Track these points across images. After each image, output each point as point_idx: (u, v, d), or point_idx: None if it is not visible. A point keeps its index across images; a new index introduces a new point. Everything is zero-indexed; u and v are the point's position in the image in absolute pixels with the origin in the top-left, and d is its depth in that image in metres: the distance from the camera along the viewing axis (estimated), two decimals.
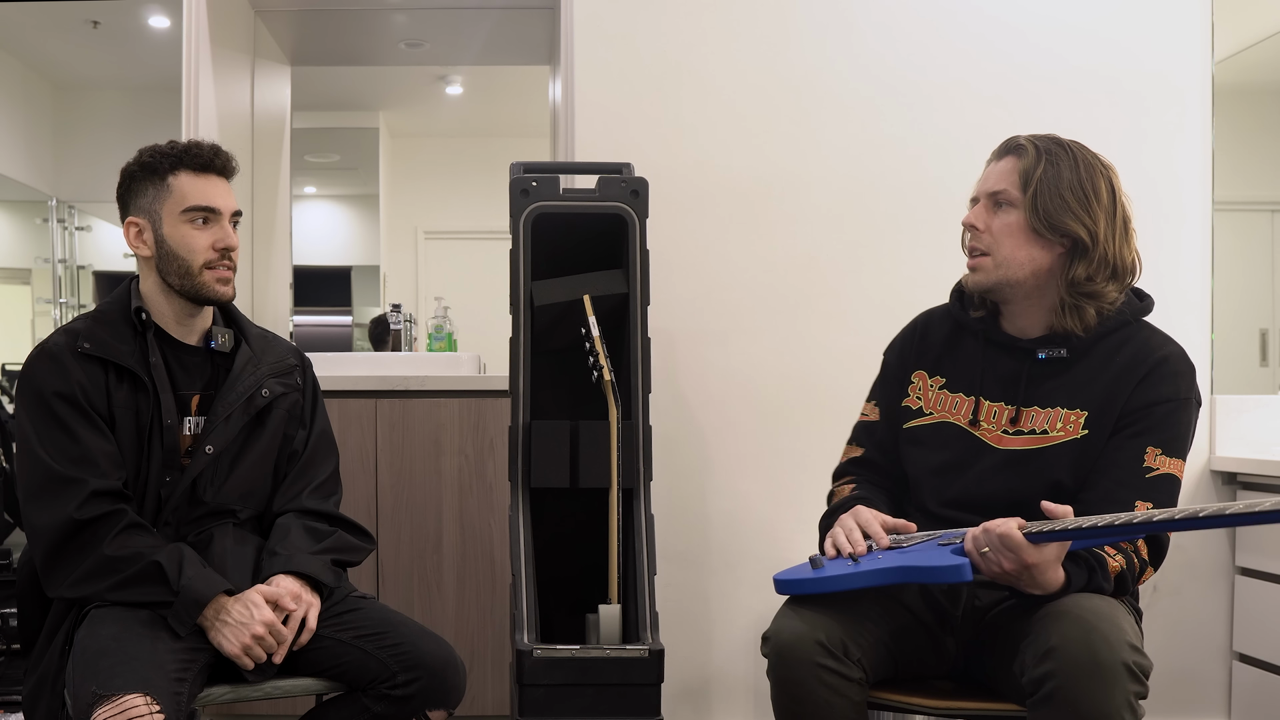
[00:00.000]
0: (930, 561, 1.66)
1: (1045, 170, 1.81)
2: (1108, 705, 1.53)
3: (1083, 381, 1.82)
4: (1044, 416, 1.83)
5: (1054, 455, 1.81)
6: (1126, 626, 1.59)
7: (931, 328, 2.01)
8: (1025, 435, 1.83)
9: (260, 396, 2.00)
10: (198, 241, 1.92)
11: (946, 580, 1.67)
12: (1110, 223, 1.82)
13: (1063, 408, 1.82)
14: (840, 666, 1.69)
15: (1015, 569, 1.63)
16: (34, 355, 1.91)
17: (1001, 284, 1.85)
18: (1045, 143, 1.85)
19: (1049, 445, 1.82)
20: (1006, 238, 1.84)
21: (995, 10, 2.88)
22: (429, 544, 2.84)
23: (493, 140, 4.79)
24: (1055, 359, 1.84)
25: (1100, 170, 1.84)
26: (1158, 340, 1.84)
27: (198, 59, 3.01)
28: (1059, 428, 1.82)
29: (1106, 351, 1.83)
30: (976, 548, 1.65)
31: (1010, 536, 1.61)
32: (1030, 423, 1.83)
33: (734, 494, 2.85)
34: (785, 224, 2.87)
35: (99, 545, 1.81)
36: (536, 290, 2.26)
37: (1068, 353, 1.84)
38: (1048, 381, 1.84)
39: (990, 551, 1.63)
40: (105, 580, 1.80)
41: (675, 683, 2.67)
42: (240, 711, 2.75)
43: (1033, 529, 1.61)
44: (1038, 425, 1.83)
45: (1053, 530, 1.60)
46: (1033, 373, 1.86)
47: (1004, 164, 1.87)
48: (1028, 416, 1.84)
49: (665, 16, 2.88)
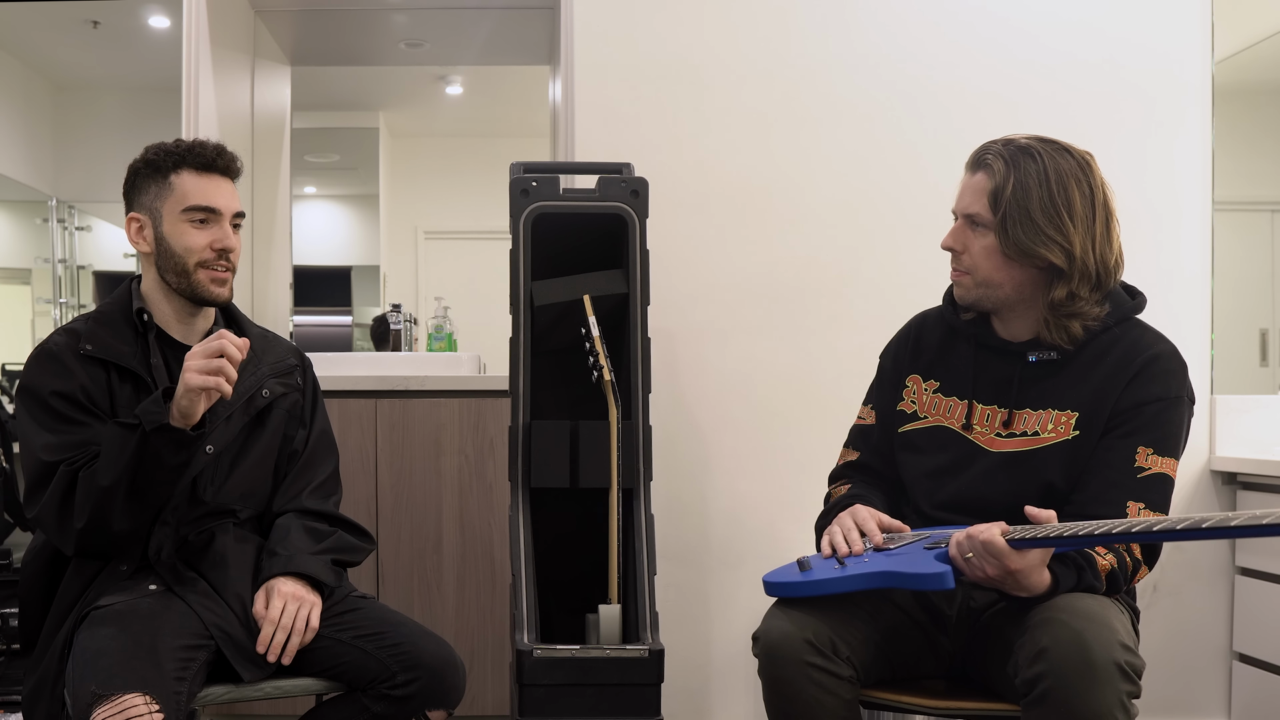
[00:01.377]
0: (914, 568, 1.66)
1: (1014, 190, 1.77)
2: (1100, 705, 1.53)
3: (1073, 383, 1.82)
4: (1035, 418, 1.83)
5: (1046, 456, 1.81)
6: (1118, 626, 1.59)
7: (925, 330, 2.00)
8: (1017, 438, 1.83)
9: (261, 397, 2.00)
10: (195, 241, 1.92)
11: (929, 588, 1.67)
12: (1088, 232, 1.78)
13: (1054, 409, 1.82)
14: (829, 664, 1.70)
15: (999, 574, 1.63)
16: (35, 356, 1.91)
17: (984, 299, 1.85)
18: (1013, 153, 1.79)
19: (1041, 447, 1.81)
20: (984, 260, 1.82)
21: (996, 9, 2.89)
22: (429, 544, 2.84)
23: (493, 140, 4.79)
24: (1046, 361, 1.84)
25: (1072, 175, 1.78)
26: (1148, 339, 1.83)
27: (198, 59, 3.01)
28: (1050, 429, 1.81)
29: (1097, 352, 1.82)
30: (960, 553, 1.65)
31: (993, 543, 1.61)
32: (1022, 425, 1.83)
33: (734, 494, 2.85)
34: (785, 224, 2.87)
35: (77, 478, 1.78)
36: (536, 290, 2.26)
37: (1058, 355, 1.84)
38: (1039, 384, 1.84)
39: (974, 557, 1.64)
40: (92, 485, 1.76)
41: (675, 683, 2.66)
42: (240, 711, 2.75)
43: (1015, 535, 1.61)
44: (1029, 427, 1.83)
45: (1035, 537, 1.60)
46: (1024, 375, 1.85)
47: (976, 181, 1.83)
48: (1020, 419, 1.84)
49: (665, 16, 2.88)
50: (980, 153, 1.85)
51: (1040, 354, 1.84)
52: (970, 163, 1.86)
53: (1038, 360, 1.84)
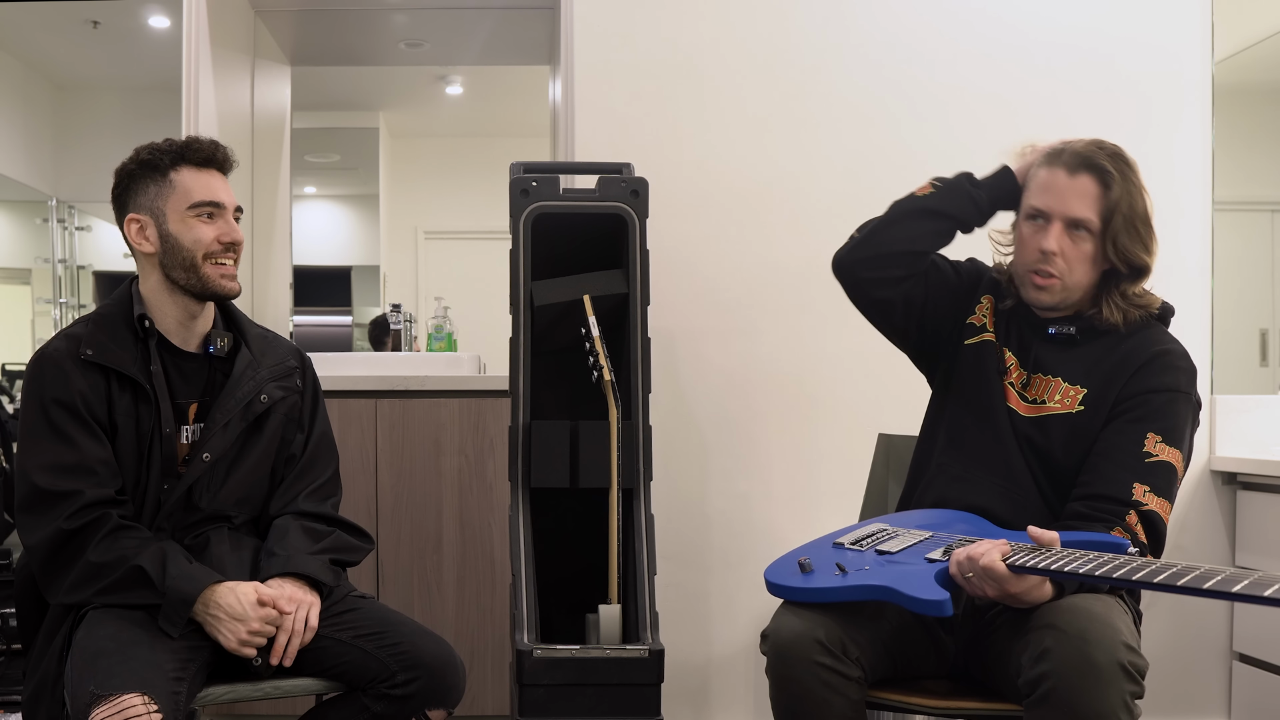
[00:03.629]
0: (914, 591, 1.66)
1: (1122, 201, 1.82)
2: (1104, 705, 1.53)
3: (1087, 363, 1.86)
4: (1044, 385, 1.87)
5: (1050, 426, 1.85)
6: (1121, 626, 1.59)
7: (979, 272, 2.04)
8: (1029, 404, 1.88)
9: (259, 402, 1.98)
10: (205, 235, 1.92)
11: (927, 613, 1.67)
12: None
13: (1064, 381, 1.86)
14: (839, 665, 1.70)
15: (999, 596, 1.64)
16: (35, 361, 1.90)
17: (1064, 303, 1.89)
18: (1117, 164, 1.85)
19: (1046, 415, 1.86)
20: (1079, 264, 1.86)
21: (996, 9, 2.89)
22: (429, 544, 2.84)
23: (493, 140, 4.79)
24: (1064, 336, 1.89)
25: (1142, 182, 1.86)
26: (1163, 336, 1.88)
27: (198, 59, 3.01)
28: (1057, 399, 1.86)
29: (1113, 340, 1.87)
30: (960, 573, 1.66)
31: (993, 569, 1.61)
32: (1034, 390, 1.88)
33: (734, 494, 2.85)
34: (785, 224, 2.87)
35: (85, 552, 1.80)
36: (536, 290, 2.26)
37: (1076, 331, 1.89)
38: (1053, 354, 1.89)
39: (974, 578, 1.64)
40: (93, 586, 1.80)
41: (675, 683, 2.66)
42: (240, 711, 2.75)
43: (1016, 560, 1.61)
44: (1038, 394, 1.88)
45: (1035, 566, 1.58)
46: (1041, 342, 1.90)
47: (1082, 184, 1.84)
48: (1035, 383, 1.89)
49: (665, 16, 2.88)
50: (1086, 155, 1.85)
51: (1060, 328, 1.89)
52: (1070, 163, 1.85)
53: (1056, 334, 1.89)
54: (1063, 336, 1.89)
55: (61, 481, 1.82)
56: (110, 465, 1.86)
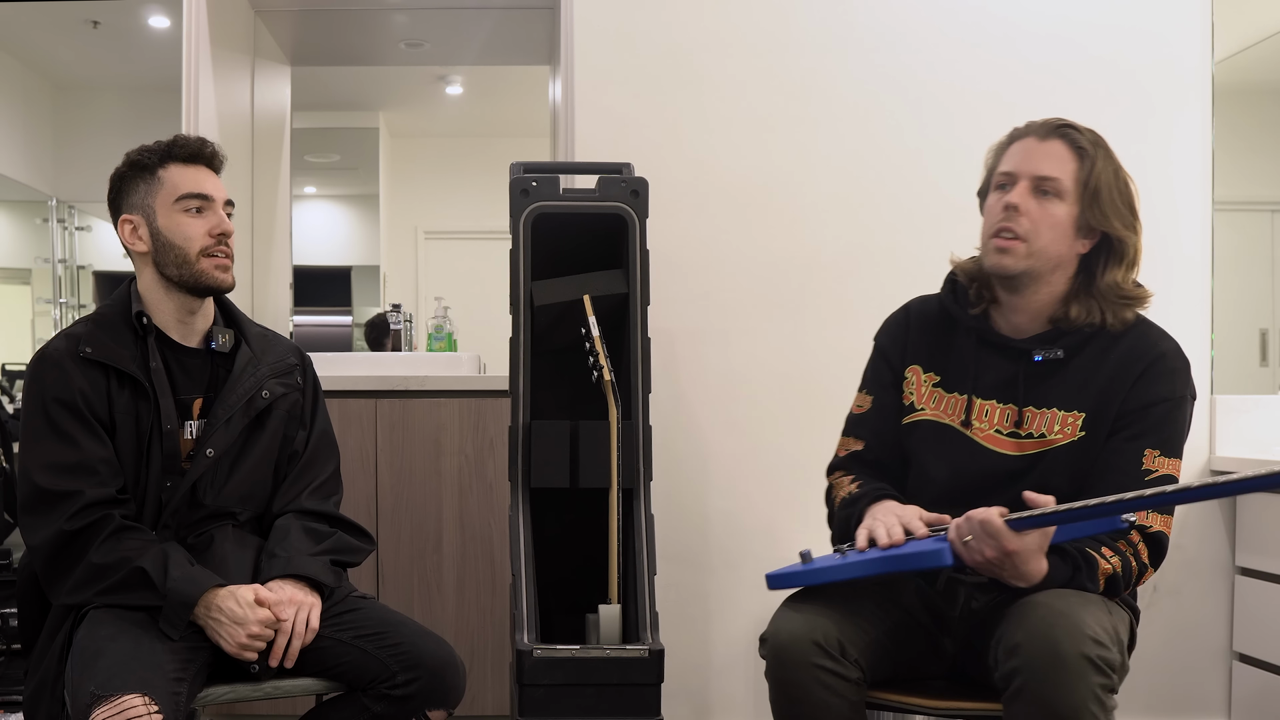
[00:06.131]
0: (913, 548, 1.66)
1: (1104, 173, 1.78)
2: (1074, 699, 1.53)
3: (1079, 382, 1.81)
4: (1041, 418, 1.82)
5: (1052, 459, 1.81)
6: (1089, 620, 1.58)
7: (925, 318, 1.96)
8: (1023, 439, 1.83)
9: (260, 398, 1.99)
10: (194, 229, 1.93)
11: (927, 565, 1.67)
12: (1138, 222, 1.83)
13: (1060, 409, 1.81)
14: (838, 667, 1.69)
15: (997, 556, 1.63)
16: (36, 360, 1.91)
17: (1026, 272, 1.80)
18: (1093, 139, 1.81)
19: (1047, 449, 1.81)
20: (1048, 229, 1.79)
21: (996, 8, 2.88)
22: (429, 544, 2.84)
23: (493, 140, 4.78)
24: (1051, 360, 1.82)
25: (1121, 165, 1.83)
26: (1154, 336, 1.83)
27: (198, 59, 3.01)
28: (1056, 430, 1.81)
29: (1101, 348, 1.82)
30: (959, 536, 1.65)
31: (990, 523, 1.61)
32: (1028, 425, 1.83)
33: (734, 494, 2.85)
34: (785, 223, 2.87)
35: (87, 553, 1.81)
36: (536, 290, 2.26)
37: (1063, 353, 1.82)
38: (1043, 383, 1.83)
39: (973, 539, 1.63)
40: (94, 587, 1.81)
41: (675, 683, 2.66)
42: (240, 711, 2.75)
43: (1014, 516, 1.61)
44: (1036, 428, 1.82)
45: (1033, 516, 1.59)
46: (1028, 374, 1.84)
47: (1053, 147, 1.80)
48: (1028, 418, 1.83)
49: (665, 16, 2.88)
50: (1058, 121, 1.83)
51: (1045, 352, 1.82)
52: (1041, 129, 1.82)
53: (1043, 360, 1.82)
54: (1050, 362, 1.82)
55: (62, 481, 1.82)
56: (111, 464, 1.87)
